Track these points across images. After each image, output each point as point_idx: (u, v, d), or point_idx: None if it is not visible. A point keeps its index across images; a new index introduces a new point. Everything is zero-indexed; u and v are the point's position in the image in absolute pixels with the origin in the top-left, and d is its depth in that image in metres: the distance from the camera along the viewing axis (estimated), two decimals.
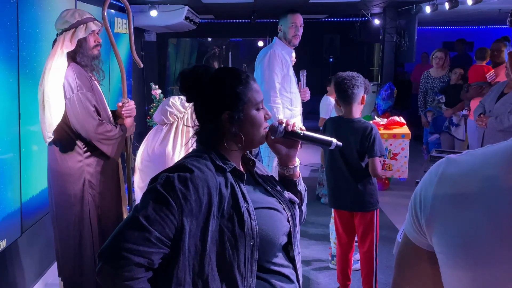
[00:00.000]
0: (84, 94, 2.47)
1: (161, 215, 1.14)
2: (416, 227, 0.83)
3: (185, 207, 1.16)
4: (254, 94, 1.32)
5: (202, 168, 1.22)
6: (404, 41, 7.08)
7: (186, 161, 1.24)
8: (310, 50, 8.53)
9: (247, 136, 1.31)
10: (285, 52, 3.55)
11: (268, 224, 1.27)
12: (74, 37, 2.45)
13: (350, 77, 2.75)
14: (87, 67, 2.56)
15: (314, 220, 4.55)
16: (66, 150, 2.54)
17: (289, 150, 1.43)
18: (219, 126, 1.30)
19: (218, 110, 1.29)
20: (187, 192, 1.17)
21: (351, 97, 2.76)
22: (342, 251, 3.04)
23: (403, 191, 5.28)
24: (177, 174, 1.19)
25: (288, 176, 1.47)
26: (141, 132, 5.45)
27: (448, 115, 5.38)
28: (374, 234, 2.86)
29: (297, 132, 1.39)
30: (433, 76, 5.89)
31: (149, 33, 7.08)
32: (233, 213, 1.22)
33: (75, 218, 2.57)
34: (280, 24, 3.60)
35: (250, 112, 1.31)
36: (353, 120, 2.81)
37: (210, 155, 1.28)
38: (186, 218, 1.16)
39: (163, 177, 1.20)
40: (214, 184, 1.21)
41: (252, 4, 6.36)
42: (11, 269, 2.87)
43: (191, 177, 1.19)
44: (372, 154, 2.73)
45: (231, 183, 1.25)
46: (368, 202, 2.83)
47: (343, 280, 3.06)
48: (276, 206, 1.34)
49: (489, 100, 4.22)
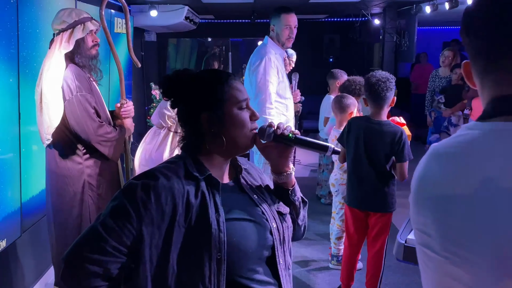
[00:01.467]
0: (83, 95, 2.44)
1: (119, 223, 1.11)
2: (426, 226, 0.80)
3: (144, 216, 1.12)
4: (235, 92, 1.25)
5: (170, 176, 1.17)
6: (404, 41, 7.08)
7: (156, 168, 1.21)
8: (310, 50, 8.53)
9: (228, 137, 1.23)
10: (278, 55, 3.38)
11: (241, 236, 1.20)
12: (72, 38, 2.42)
13: (384, 78, 2.69)
14: (86, 67, 2.53)
15: (314, 220, 4.55)
16: (65, 152, 2.52)
17: (280, 155, 1.31)
18: (200, 128, 1.24)
19: (197, 111, 1.23)
20: (148, 200, 1.12)
21: (383, 99, 2.72)
22: (351, 251, 3.02)
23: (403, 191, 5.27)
24: (141, 182, 1.15)
25: (281, 184, 1.35)
26: (141, 132, 5.44)
27: (447, 115, 5.38)
28: (387, 235, 2.86)
29: (287, 136, 1.27)
30: (441, 75, 5.88)
31: (149, 33, 7.08)
32: (200, 223, 1.15)
33: (74, 221, 2.54)
34: (273, 24, 3.37)
35: (231, 111, 1.23)
36: (382, 123, 2.76)
37: (185, 161, 1.23)
38: (146, 227, 1.11)
39: (126, 184, 1.18)
40: (181, 192, 1.16)
41: (252, 4, 6.36)
42: (11, 269, 2.87)
43: (155, 184, 1.14)
44: (402, 159, 2.71)
45: (202, 192, 1.19)
46: (390, 203, 2.83)
47: (347, 280, 3.05)
48: (256, 217, 1.25)
49: None
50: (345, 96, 3.56)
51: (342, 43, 9.05)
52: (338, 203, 3.50)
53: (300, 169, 6.29)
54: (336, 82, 4.66)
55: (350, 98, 3.52)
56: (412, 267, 3.27)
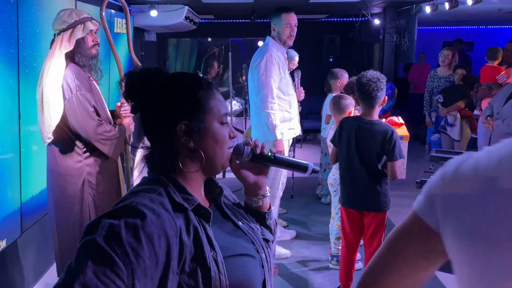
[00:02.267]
0: (83, 94, 2.46)
1: (105, 280, 0.82)
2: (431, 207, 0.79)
3: (136, 266, 0.86)
4: (218, 104, 1.07)
5: (157, 210, 0.93)
6: (404, 41, 7.09)
7: (134, 201, 0.94)
8: (310, 50, 8.53)
9: (207, 154, 1.05)
10: (280, 53, 3.47)
11: (241, 274, 1.04)
12: (72, 37, 2.44)
13: (375, 79, 2.70)
14: (86, 67, 2.55)
15: (314, 220, 4.55)
16: (65, 151, 2.54)
17: (257, 177, 1.17)
18: (174, 141, 1.04)
19: (172, 119, 1.03)
20: (139, 245, 0.87)
21: (374, 99, 2.73)
22: (348, 251, 3.03)
23: (403, 191, 5.27)
24: (124, 221, 0.88)
25: (256, 208, 1.20)
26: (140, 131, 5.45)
27: (443, 114, 5.37)
28: (382, 235, 2.87)
29: (267, 155, 1.15)
30: (440, 75, 5.88)
31: (149, 33, 7.08)
32: (196, 266, 0.96)
33: (75, 218, 2.57)
34: (274, 24, 3.48)
35: (212, 124, 1.05)
36: (373, 122, 2.78)
37: (167, 188, 1.01)
38: (139, 281, 0.86)
39: (104, 226, 0.88)
40: (174, 230, 0.94)
41: (252, 4, 6.36)
42: (11, 269, 2.87)
43: (143, 224, 0.89)
44: (392, 158, 2.72)
45: (194, 226, 0.99)
46: (383, 202, 2.83)
47: (346, 280, 3.06)
48: (249, 250, 1.10)
49: (497, 102, 4.11)
50: (343, 96, 3.56)
51: (342, 43, 9.05)
52: (337, 203, 3.50)
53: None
54: (337, 81, 4.66)
55: (348, 98, 3.52)
56: None
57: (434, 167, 2.46)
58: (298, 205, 4.99)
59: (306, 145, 8.05)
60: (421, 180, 2.36)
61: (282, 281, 3.38)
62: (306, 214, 4.73)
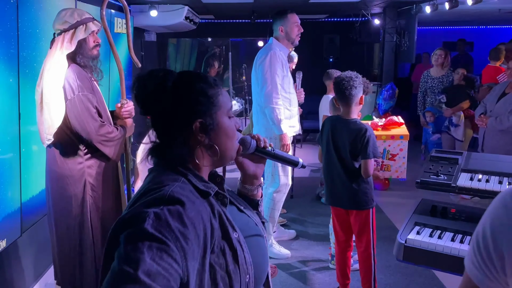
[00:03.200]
0: (85, 95, 2.45)
1: (164, 265, 0.88)
2: (492, 273, 0.71)
3: (187, 249, 0.92)
4: (225, 99, 1.15)
5: (190, 197, 1.01)
6: (404, 41, 7.08)
7: (168, 189, 1.00)
8: (310, 50, 8.52)
9: (221, 148, 1.12)
10: (283, 53, 3.57)
11: (259, 255, 1.13)
12: (74, 38, 2.42)
13: (348, 78, 2.76)
14: (87, 67, 2.53)
15: (314, 220, 4.55)
16: (66, 152, 2.52)
17: (256, 168, 1.28)
18: (190, 138, 1.10)
19: (187, 119, 1.08)
20: (186, 230, 0.94)
21: (349, 98, 2.78)
22: (340, 249, 3.06)
23: (403, 191, 5.27)
24: (167, 209, 0.94)
25: (250, 196, 1.31)
26: (141, 132, 5.44)
27: (448, 115, 5.38)
28: (370, 233, 2.88)
29: (267, 150, 1.26)
30: (433, 76, 5.89)
31: (149, 33, 7.07)
32: (224, 246, 1.03)
33: (75, 221, 2.55)
34: (281, 25, 3.58)
35: (223, 119, 1.13)
36: (349, 121, 2.83)
37: (187, 177, 1.07)
38: (190, 262, 0.93)
39: (150, 215, 0.92)
40: (207, 214, 1.02)
41: (252, 4, 6.36)
42: (11, 269, 2.87)
43: (185, 210, 0.96)
44: (365, 156, 2.75)
45: (217, 210, 1.07)
46: (362, 200, 2.85)
47: (343, 279, 3.07)
48: (258, 230, 1.20)
49: (490, 100, 4.22)
50: None
51: (342, 43, 9.04)
52: None
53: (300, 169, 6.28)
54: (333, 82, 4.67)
55: None
56: (412, 267, 3.28)
57: (434, 167, 2.46)
58: (298, 205, 4.99)
59: (306, 145, 8.05)
60: (421, 180, 2.36)
61: (282, 281, 3.38)
62: (306, 214, 4.73)
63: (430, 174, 2.39)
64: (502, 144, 4.02)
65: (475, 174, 2.37)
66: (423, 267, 2.20)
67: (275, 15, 3.63)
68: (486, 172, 2.35)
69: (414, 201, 2.42)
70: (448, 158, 2.53)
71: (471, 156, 2.55)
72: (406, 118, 4.09)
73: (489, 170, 2.35)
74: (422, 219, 2.18)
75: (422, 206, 2.33)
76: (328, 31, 9.20)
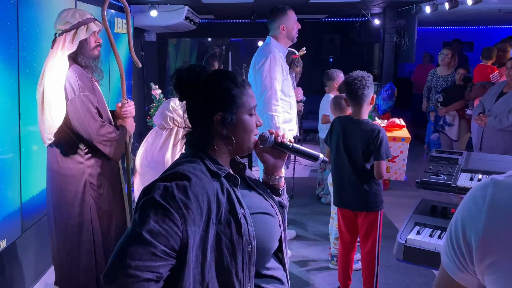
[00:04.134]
0: (86, 95, 2.45)
1: (165, 227, 1.09)
2: (462, 264, 0.73)
3: (187, 216, 1.12)
4: (249, 99, 1.31)
5: (199, 175, 1.19)
6: (404, 41, 7.08)
7: (181, 168, 1.19)
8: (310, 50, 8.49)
9: (237, 140, 1.30)
10: (282, 54, 3.46)
11: (264, 229, 1.27)
12: (75, 38, 2.43)
13: (360, 77, 2.73)
14: (88, 67, 2.54)
15: (314, 220, 4.55)
16: (67, 152, 2.52)
17: (276, 161, 1.43)
18: (211, 127, 1.28)
19: (211, 111, 1.27)
20: (188, 200, 1.13)
21: (361, 98, 2.74)
22: (344, 250, 3.03)
23: (403, 191, 5.28)
24: (175, 183, 1.14)
25: (272, 185, 1.46)
26: (141, 132, 5.45)
27: (442, 114, 5.38)
28: (377, 234, 2.86)
29: (286, 144, 1.39)
30: (439, 74, 5.90)
31: (149, 33, 7.08)
32: (230, 219, 1.20)
33: (75, 221, 2.55)
34: (283, 23, 3.43)
35: (242, 116, 1.30)
36: (361, 121, 2.79)
37: (204, 160, 1.26)
38: (190, 227, 1.12)
39: (160, 187, 1.14)
40: (212, 190, 1.19)
41: (252, 4, 6.36)
42: (11, 269, 2.87)
43: (190, 185, 1.15)
44: (378, 157, 2.72)
45: (226, 189, 1.24)
46: (373, 202, 2.82)
47: (344, 280, 3.06)
48: (270, 210, 1.34)
49: (488, 99, 4.22)
50: (344, 96, 3.56)
51: (342, 43, 9.04)
52: None
53: (300, 169, 6.29)
54: (334, 82, 4.67)
55: None
56: (412, 267, 3.28)
57: (434, 167, 2.46)
58: (298, 205, 4.99)
59: (306, 145, 8.04)
60: (421, 180, 2.36)
61: None
62: (306, 214, 4.73)
63: (430, 174, 2.39)
64: (501, 143, 4.03)
65: (475, 174, 2.37)
66: (423, 267, 2.20)
67: (273, 13, 3.50)
68: (486, 172, 2.35)
69: (414, 201, 2.42)
70: (448, 158, 2.53)
71: (471, 156, 2.55)
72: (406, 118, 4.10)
73: (489, 170, 2.35)
74: (422, 219, 2.18)
75: (422, 206, 2.33)
76: (328, 31, 9.20)
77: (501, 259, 0.67)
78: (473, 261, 0.71)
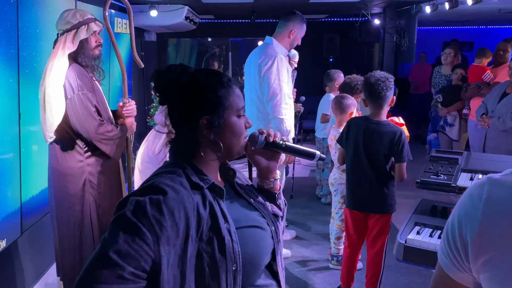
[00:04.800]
0: (85, 94, 2.46)
1: (135, 247, 0.98)
2: (458, 261, 0.74)
3: (160, 235, 1.01)
4: (236, 99, 1.20)
5: (177, 188, 1.08)
6: (404, 41, 7.09)
7: (157, 180, 1.09)
8: (310, 50, 8.53)
9: (225, 144, 1.19)
10: (283, 55, 3.39)
11: (252, 245, 1.17)
12: (76, 38, 2.45)
13: (384, 78, 2.68)
14: (88, 67, 2.55)
15: (314, 220, 4.55)
16: (67, 150, 2.54)
17: (269, 162, 1.32)
18: (196, 132, 1.17)
19: (196, 115, 1.16)
20: (162, 217, 1.02)
21: (383, 99, 2.71)
22: (351, 252, 3.01)
23: (403, 191, 5.27)
24: (149, 198, 1.03)
25: (267, 189, 1.34)
26: (141, 132, 5.45)
27: (443, 114, 5.37)
28: (386, 236, 2.85)
29: (278, 143, 1.28)
30: (442, 73, 5.90)
31: (149, 33, 7.08)
32: (212, 235, 1.09)
33: (76, 218, 2.57)
34: (294, 28, 3.37)
35: (230, 118, 1.18)
36: (381, 123, 2.75)
37: (185, 170, 1.15)
38: (163, 247, 1.01)
39: (132, 202, 1.03)
40: (192, 205, 1.08)
41: (252, 4, 6.36)
42: (11, 269, 2.87)
43: (165, 199, 1.04)
44: (400, 159, 2.69)
45: (209, 202, 1.13)
46: (389, 204, 2.80)
47: (347, 280, 3.05)
48: (260, 222, 1.23)
49: (491, 100, 4.18)
50: (345, 96, 3.56)
51: (342, 43, 9.04)
52: (337, 203, 3.50)
53: (300, 169, 6.29)
54: (335, 83, 4.68)
55: (350, 98, 3.52)
56: (412, 267, 3.28)
57: (434, 167, 2.46)
58: (298, 205, 4.99)
59: (305, 145, 8.03)
60: (421, 180, 2.36)
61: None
62: (306, 214, 4.73)
63: (430, 174, 2.39)
64: (504, 144, 4.00)
65: (475, 174, 2.37)
66: (423, 267, 2.20)
67: (290, 15, 3.41)
68: (486, 172, 2.35)
69: (414, 201, 2.42)
70: (448, 158, 2.53)
71: (471, 156, 2.55)
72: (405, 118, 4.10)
73: (489, 170, 2.36)
74: (422, 219, 2.18)
75: (422, 206, 2.33)
76: (328, 31, 9.20)
77: (497, 257, 0.67)
78: (469, 258, 0.72)
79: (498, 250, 0.68)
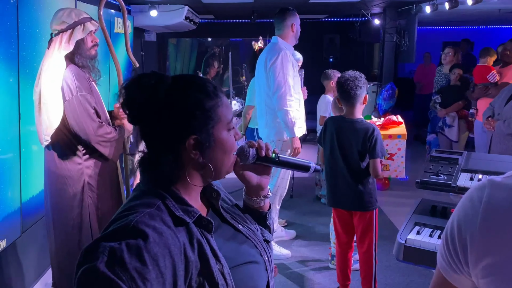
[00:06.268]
0: (83, 96, 2.44)
1: None
2: (457, 265, 0.72)
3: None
4: (225, 111, 1.01)
5: (159, 227, 0.87)
6: (404, 41, 7.08)
7: (134, 219, 0.87)
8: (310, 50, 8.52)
9: (216, 165, 1.00)
10: (289, 52, 3.52)
11: (249, 285, 1.01)
12: (72, 38, 2.41)
13: (353, 77, 2.76)
14: (85, 68, 2.53)
15: (314, 220, 4.55)
16: (65, 153, 2.51)
17: (260, 178, 1.14)
18: (180, 155, 0.97)
19: (180, 135, 0.95)
20: (144, 268, 0.81)
21: (354, 98, 2.77)
22: (342, 250, 3.05)
23: (403, 191, 5.27)
24: (125, 244, 0.82)
25: (256, 208, 1.17)
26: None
27: (442, 115, 5.37)
28: (373, 234, 2.87)
29: (271, 158, 1.12)
30: (443, 72, 5.90)
31: (149, 33, 7.08)
32: (203, 281, 0.91)
33: (74, 222, 2.54)
34: (293, 21, 3.53)
35: (221, 134, 1.00)
36: (354, 120, 2.81)
37: (165, 201, 0.94)
38: None
39: (105, 251, 0.81)
40: (178, 247, 0.88)
41: (252, 4, 6.36)
42: (11, 269, 2.87)
43: (146, 245, 0.83)
44: (374, 155, 2.74)
45: (197, 240, 0.93)
46: (367, 201, 2.84)
47: (343, 280, 3.07)
48: (253, 255, 1.06)
49: (498, 103, 4.11)
50: None
51: (342, 43, 9.05)
52: None
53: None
54: (331, 82, 4.68)
55: None
56: (412, 267, 3.28)
57: (434, 167, 2.46)
58: (298, 205, 4.99)
59: (306, 145, 8.04)
60: (421, 180, 2.35)
61: (282, 281, 3.38)
62: (306, 214, 4.73)
63: (430, 174, 2.38)
64: (510, 147, 3.94)
65: (475, 174, 2.37)
66: (423, 267, 2.20)
67: (283, 12, 3.56)
68: (486, 172, 2.35)
69: (414, 201, 2.42)
70: (448, 158, 2.53)
71: (471, 156, 2.55)
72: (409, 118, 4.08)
73: (489, 170, 2.35)
74: (422, 219, 2.18)
75: (422, 206, 2.33)
76: (328, 31, 9.21)
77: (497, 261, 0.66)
78: (468, 262, 0.70)
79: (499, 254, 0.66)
